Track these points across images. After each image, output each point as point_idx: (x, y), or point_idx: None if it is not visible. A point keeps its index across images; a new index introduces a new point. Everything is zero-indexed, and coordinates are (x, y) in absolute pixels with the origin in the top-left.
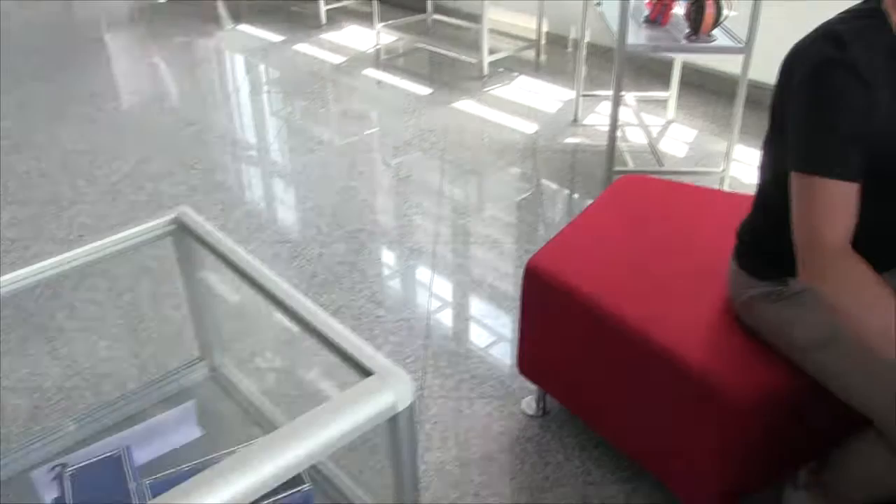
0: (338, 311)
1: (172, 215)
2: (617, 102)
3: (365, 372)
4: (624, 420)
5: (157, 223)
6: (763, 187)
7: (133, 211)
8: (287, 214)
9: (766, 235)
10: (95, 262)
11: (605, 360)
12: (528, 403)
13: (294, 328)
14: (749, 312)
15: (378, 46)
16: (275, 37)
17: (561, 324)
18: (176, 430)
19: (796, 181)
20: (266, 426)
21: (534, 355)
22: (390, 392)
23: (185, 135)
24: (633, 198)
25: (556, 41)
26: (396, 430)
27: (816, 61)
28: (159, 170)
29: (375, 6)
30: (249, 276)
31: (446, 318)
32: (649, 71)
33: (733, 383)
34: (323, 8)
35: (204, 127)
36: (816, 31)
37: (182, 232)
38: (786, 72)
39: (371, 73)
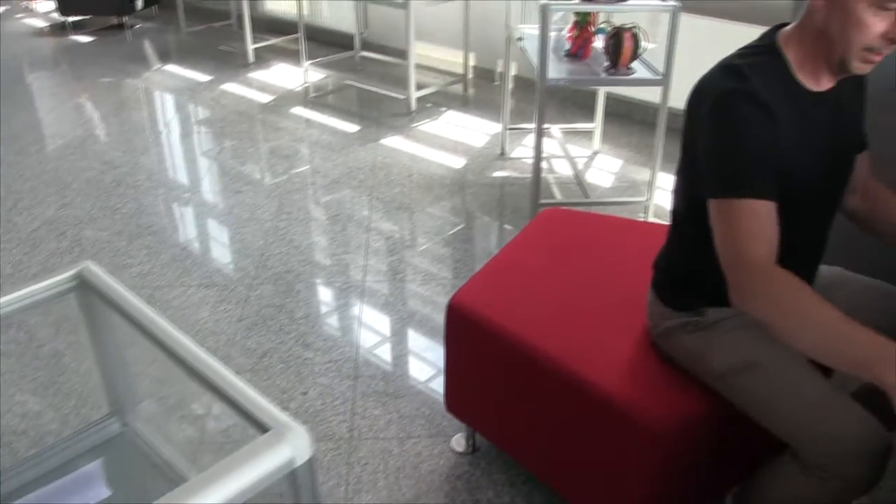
0: (265, 354)
1: (74, 271)
2: (540, 136)
3: (263, 428)
4: (550, 454)
5: (57, 279)
6: (677, 217)
7: (53, 258)
8: (214, 257)
9: (681, 265)
10: None
11: (529, 396)
12: (458, 441)
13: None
14: (667, 342)
15: (306, 84)
16: (202, 76)
17: (484, 360)
18: (83, 492)
19: (715, 208)
20: (178, 481)
21: (460, 393)
22: (287, 447)
23: (110, 178)
24: (556, 230)
25: (484, 75)
26: (296, 485)
27: (720, 92)
28: (82, 215)
29: (303, 44)
30: (151, 333)
31: (375, 358)
32: (574, 103)
33: (652, 412)
34: (250, 47)
35: (130, 169)
36: (718, 66)
37: (85, 288)
38: (692, 105)
39: (299, 111)
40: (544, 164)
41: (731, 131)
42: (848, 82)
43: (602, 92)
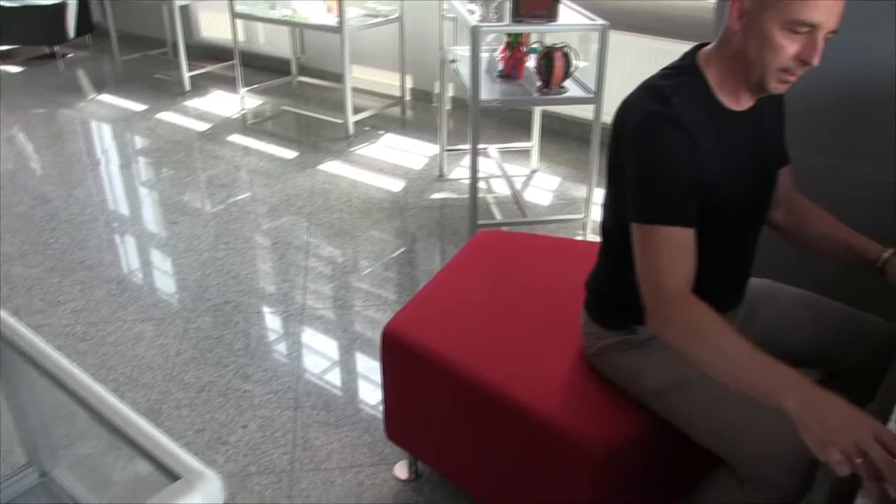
0: (203, 388)
1: None
2: (475, 157)
3: (174, 475)
4: (492, 479)
5: None
6: (606, 235)
7: None
8: (151, 291)
9: (611, 284)
10: None
11: (468, 421)
12: (401, 468)
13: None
14: (602, 362)
15: (244, 111)
16: (138, 105)
17: (422, 387)
18: None
19: (636, 231)
20: None
21: (399, 420)
22: (198, 495)
23: (42, 213)
24: (491, 253)
25: (422, 97)
26: None
27: (643, 115)
28: (11, 251)
29: (238, 70)
30: (61, 381)
31: (317, 387)
32: (512, 122)
33: (589, 433)
34: (186, 74)
35: (63, 203)
36: (641, 87)
37: None
38: (617, 126)
39: (237, 138)
40: (483, 185)
41: (653, 156)
42: (767, 100)
43: (538, 111)
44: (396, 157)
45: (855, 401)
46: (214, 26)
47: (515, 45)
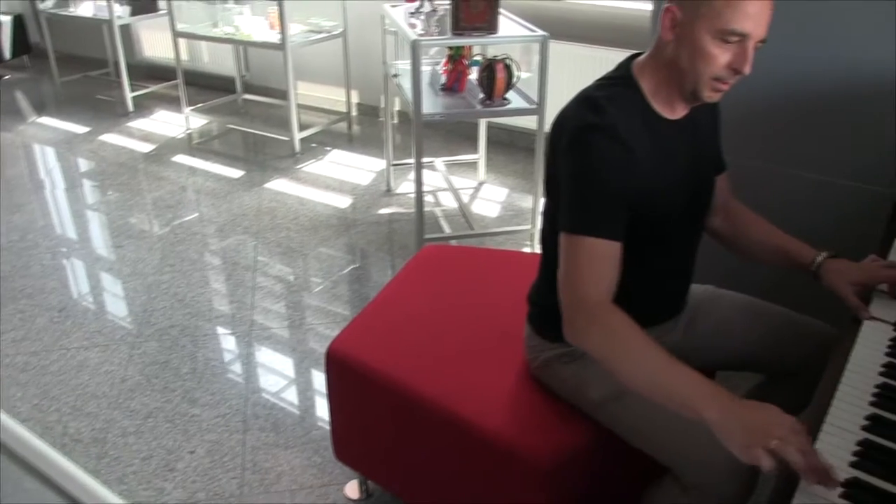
0: (150, 415)
1: None
2: (419, 171)
3: None
4: (441, 496)
5: None
6: (546, 247)
7: None
8: (94, 317)
9: (553, 296)
10: None
11: (414, 439)
12: (352, 488)
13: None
14: (545, 374)
15: (189, 131)
16: (79, 128)
17: (367, 407)
18: None
19: (563, 241)
20: None
21: (347, 440)
22: None
23: None
24: (435, 268)
25: (368, 111)
26: None
27: (578, 126)
28: None
29: (182, 90)
30: None
31: (265, 409)
32: (459, 134)
33: (534, 447)
34: (129, 95)
35: (3, 229)
36: (576, 98)
37: None
38: (554, 136)
39: (182, 159)
40: (430, 198)
41: (586, 168)
42: (702, 108)
43: (483, 123)
44: (343, 173)
45: (795, 403)
46: (157, 46)
47: (457, 58)
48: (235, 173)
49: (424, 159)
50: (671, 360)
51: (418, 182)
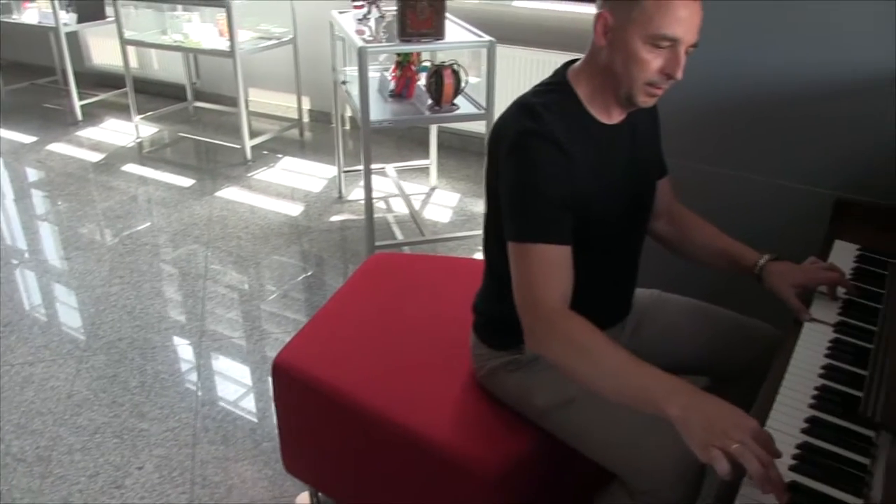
0: (97, 431)
1: None
2: (368, 177)
3: None
4: None
5: None
6: (489, 255)
7: None
8: (41, 331)
9: (496, 304)
10: None
11: (363, 451)
12: (302, 500)
13: None
14: (492, 383)
15: (139, 139)
16: (26, 137)
17: (315, 418)
18: None
19: (512, 250)
20: None
21: (296, 452)
22: None
23: None
24: (383, 276)
25: (321, 118)
26: None
27: (517, 132)
28: None
29: (132, 98)
30: None
31: (215, 421)
32: (411, 140)
33: (481, 456)
34: (77, 103)
35: None
36: (514, 104)
37: None
38: (493, 144)
39: (132, 168)
40: (382, 205)
41: (527, 174)
42: (640, 112)
43: (434, 128)
44: (295, 181)
45: (742, 406)
46: (105, 53)
47: (405, 65)
48: (186, 182)
49: (376, 165)
50: (632, 359)
51: (367, 189)
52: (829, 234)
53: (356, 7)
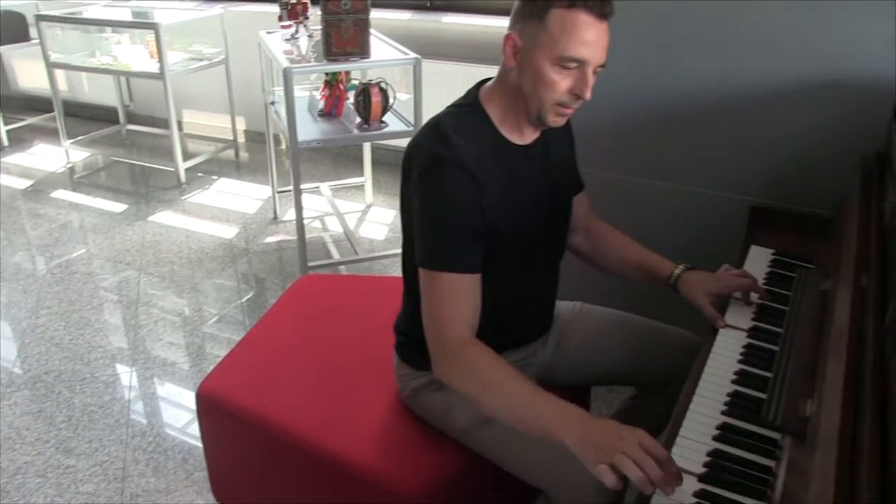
0: (17, 471)
1: None
2: (298, 198)
3: None
4: None
5: None
6: (406, 275)
7: None
8: None
9: (416, 324)
10: None
11: (289, 477)
12: None
13: None
14: (415, 403)
15: (69, 164)
16: None
17: (241, 446)
18: None
19: (422, 276)
20: None
21: (225, 480)
22: None
23: None
24: (311, 298)
25: (256, 138)
26: None
27: (429, 158)
28: None
29: (61, 122)
30: None
31: (146, 454)
32: (347, 157)
33: (403, 478)
34: (2, 128)
35: None
36: (427, 126)
37: None
38: (406, 166)
39: (63, 194)
40: (318, 224)
41: (437, 203)
42: (554, 130)
43: (368, 146)
44: (231, 202)
45: (667, 413)
46: (32, 76)
47: (334, 84)
48: (119, 207)
49: (311, 185)
50: (533, 391)
51: (298, 210)
52: (747, 240)
53: (284, 27)
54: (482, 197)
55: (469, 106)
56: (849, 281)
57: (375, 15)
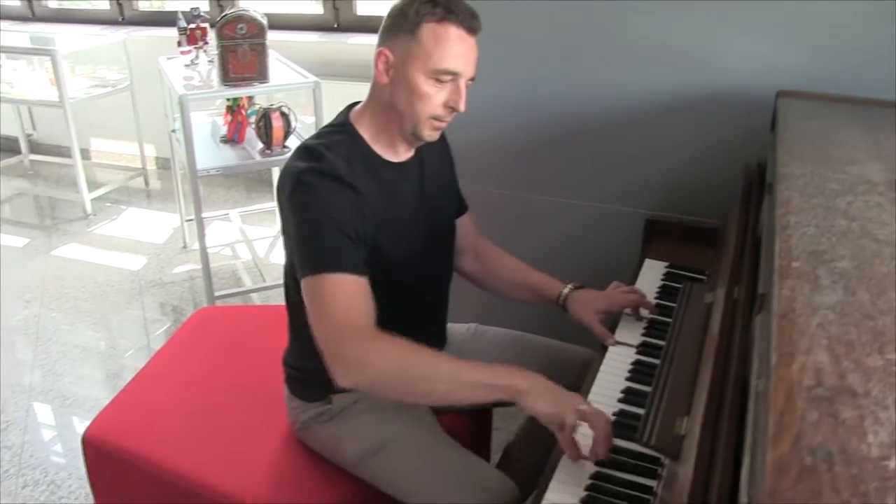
0: None
1: None
2: (201, 227)
3: None
4: None
5: None
6: (290, 306)
7: None
8: None
9: (301, 355)
10: None
11: None
12: None
13: None
14: (306, 436)
15: None
16: None
17: (132, 491)
18: None
19: (307, 286)
20: None
21: None
22: None
23: None
24: (207, 332)
25: (167, 165)
26: None
27: (297, 173)
28: None
29: None
30: None
31: (39, 501)
32: (261, 182)
33: None
34: None
35: None
36: (296, 150)
37: None
38: (279, 190)
39: None
40: (228, 251)
41: (312, 209)
42: (430, 149)
43: (276, 171)
44: (139, 232)
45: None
46: None
47: (236, 109)
48: (19, 241)
49: (220, 211)
50: (461, 360)
51: (201, 239)
52: (642, 254)
53: (183, 53)
54: (363, 205)
55: (340, 126)
56: (723, 293)
57: (281, 38)
